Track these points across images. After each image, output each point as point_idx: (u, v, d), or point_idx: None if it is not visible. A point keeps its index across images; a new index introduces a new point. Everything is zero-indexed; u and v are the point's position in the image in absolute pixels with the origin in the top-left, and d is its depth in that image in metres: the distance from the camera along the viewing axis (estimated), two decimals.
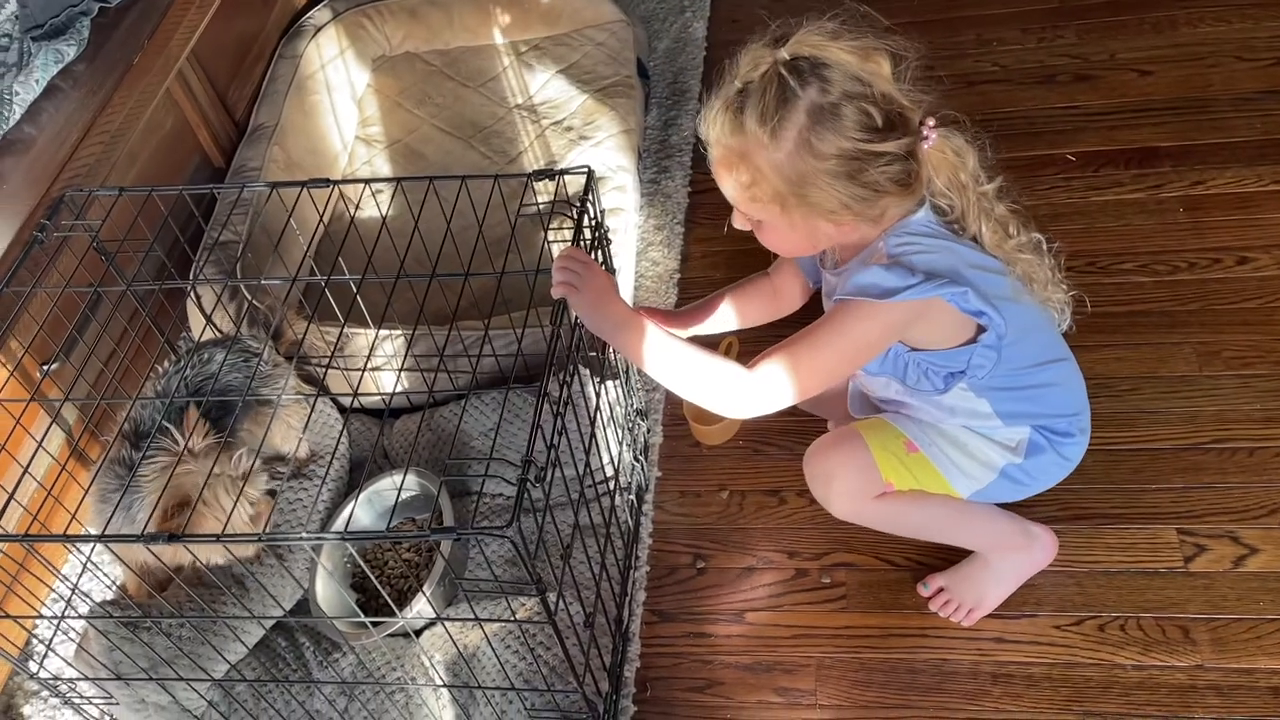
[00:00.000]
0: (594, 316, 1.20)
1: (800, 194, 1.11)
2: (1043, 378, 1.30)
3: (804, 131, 1.07)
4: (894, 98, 1.10)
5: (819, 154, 1.08)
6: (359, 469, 1.66)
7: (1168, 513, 1.50)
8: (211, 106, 2.05)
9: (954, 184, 1.17)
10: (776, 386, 1.15)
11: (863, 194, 1.11)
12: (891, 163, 1.10)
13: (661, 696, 1.44)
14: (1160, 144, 1.99)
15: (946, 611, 1.43)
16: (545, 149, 2.12)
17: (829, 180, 1.09)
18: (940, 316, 1.17)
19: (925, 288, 1.12)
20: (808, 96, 1.07)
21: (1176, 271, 1.78)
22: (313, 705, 1.39)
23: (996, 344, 1.21)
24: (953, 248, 1.17)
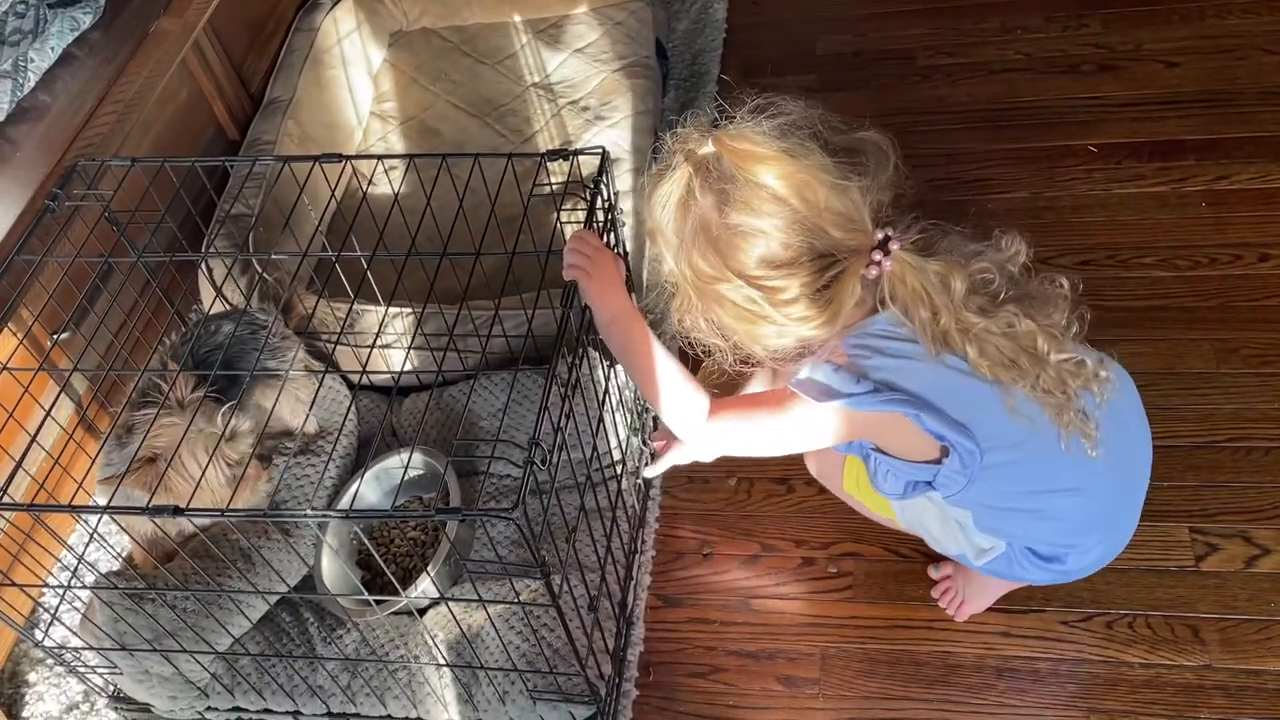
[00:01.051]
0: (596, 303, 1.20)
1: (699, 295, 1.07)
2: (1035, 504, 1.16)
3: (691, 243, 1.03)
4: (816, 228, 0.99)
5: (700, 272, 1.03)
6: (366, 446, 1.66)
7: (1180, 511, 1.48)
8: (227, 78, 2.04)
9: (915, 316, 1.03)
10: (721, 445, 1.19)
11: (750, 318, 1.03)
12: (791, 302, 1.01)
13: (664, 681, 1.44)
14: (1184, 137, 1.96)
15: (945, 600, 1.43)
16: (561, 128, 2.11)
17: (713, 300, 1.04)
18: (897, 429, 1.06)
19: (869, 400, 1.03)
20: (702, 206, 1.02)
21: (1197, 267, 1.76)
22: (315, 680, 1.39)
23: (965, 470, 1.07)
24: (916, 361, 1.04)
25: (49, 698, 1.52)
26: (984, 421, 1.06)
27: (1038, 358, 1.05)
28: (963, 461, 1.06)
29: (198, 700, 1.42)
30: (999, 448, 1.07)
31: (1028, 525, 1.18)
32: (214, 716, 1.45)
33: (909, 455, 1.11)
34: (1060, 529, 1.19)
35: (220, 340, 1.41)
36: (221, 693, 1.41)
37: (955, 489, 1.11)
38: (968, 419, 1.05)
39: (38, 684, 1.54)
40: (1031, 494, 1.15)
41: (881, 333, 1.05)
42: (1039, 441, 1.09)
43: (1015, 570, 1.24)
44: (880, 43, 2.26)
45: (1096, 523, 1.20)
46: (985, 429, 1.06)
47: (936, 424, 1.04)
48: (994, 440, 1.07)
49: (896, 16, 2.33)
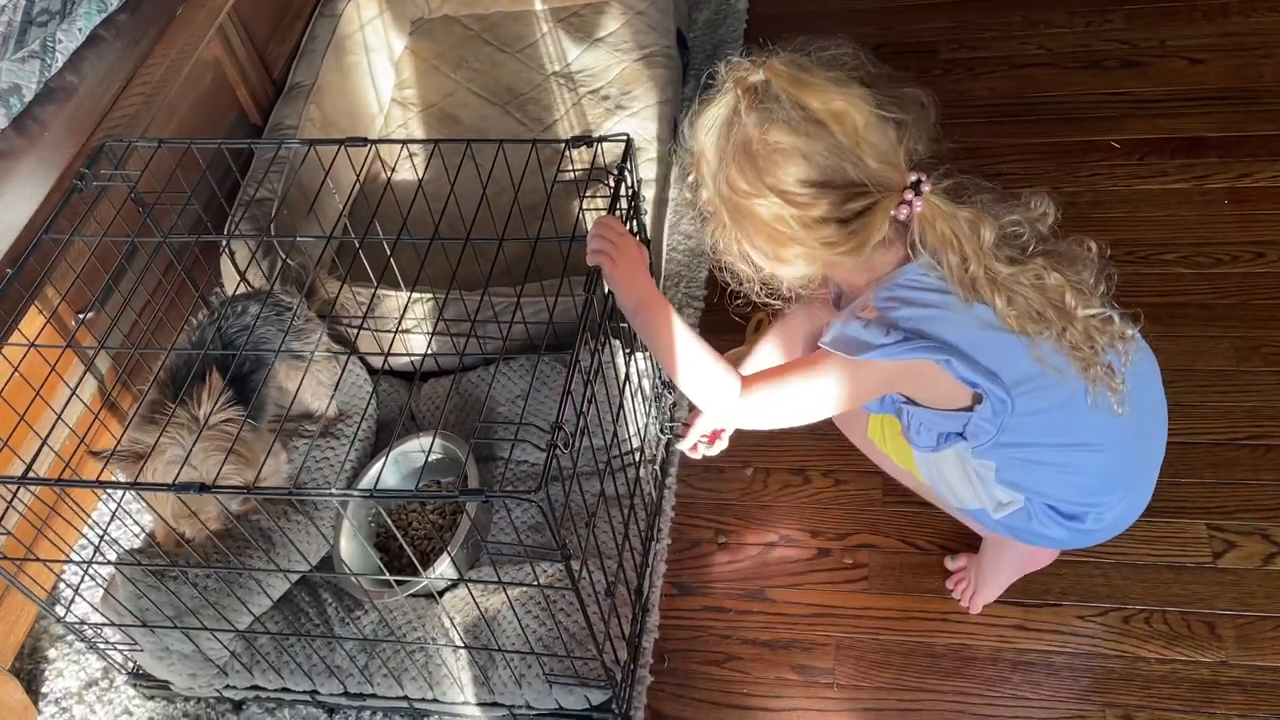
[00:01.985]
0: (621, 290, 1.20)
1: (732, 215, 1.08)
2: (1060, 458, 1.17)
3: (730, 160, 1.05)
4: (852, 154, 1.01)
5: (736, 188, 1.05)
6: (386, 430, 1.67)
7: (1198, 507, 1.48)
8: (250, 63, 2.05)
9: (944, 260, 1.05)
10: (758, 417, 1.17)
11: (783, 239, 1.04)
12: (820, 224, 1.02)
13: (679, 669, 1.45)
14: (1207, 134, 1.95)
15: (958, 591, 1.44)
16: (581, 117, 2.11)
17: (750, 219, 1.06)
18: (930, 377, 1.08)
19: (900, 349, 1.04)
20: (745, 125, 1.04)
21: (1219, 264, 1.75)
22: (333, 660, 1.40)
23: (995, 419, 1.09)
24: (946, 310, 1.06)
25: (68, 674, 1.54)
26: (1013, 370, 1.07)
27: (1065, 311, 1.07)
28: (994, 409, 1.08)
29: (216, 678, 1.43)
30: (1028, 394, 1.08)
31: (1052, 479, 1.18)
32: (232, 695, 1.46)
33: (941, 404, 1.13)
34: (1083, 485, 1.19)
35: (248, 321, 1.42)
36: (240, 671, 1.42)
37: (986, 438, 1.12)
38: (997, 367, 1.06)
39: (57, 660, 1.56)
40: (1058, 447, 1.15)
41: (910, 283, 1.07)
42: (1066, 393, 1.10)
43: (1033, 526, 1.22)
44: (902, 36, 2.26)
45: (1116, 482, 1.21)
46: (1014, 376, 1.07)
47: (967, 370, 1.05)
48: (1023, 388, 1.08)
49: (919, 10, 2.32)
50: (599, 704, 1.35)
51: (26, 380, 1.31)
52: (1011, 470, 1.18)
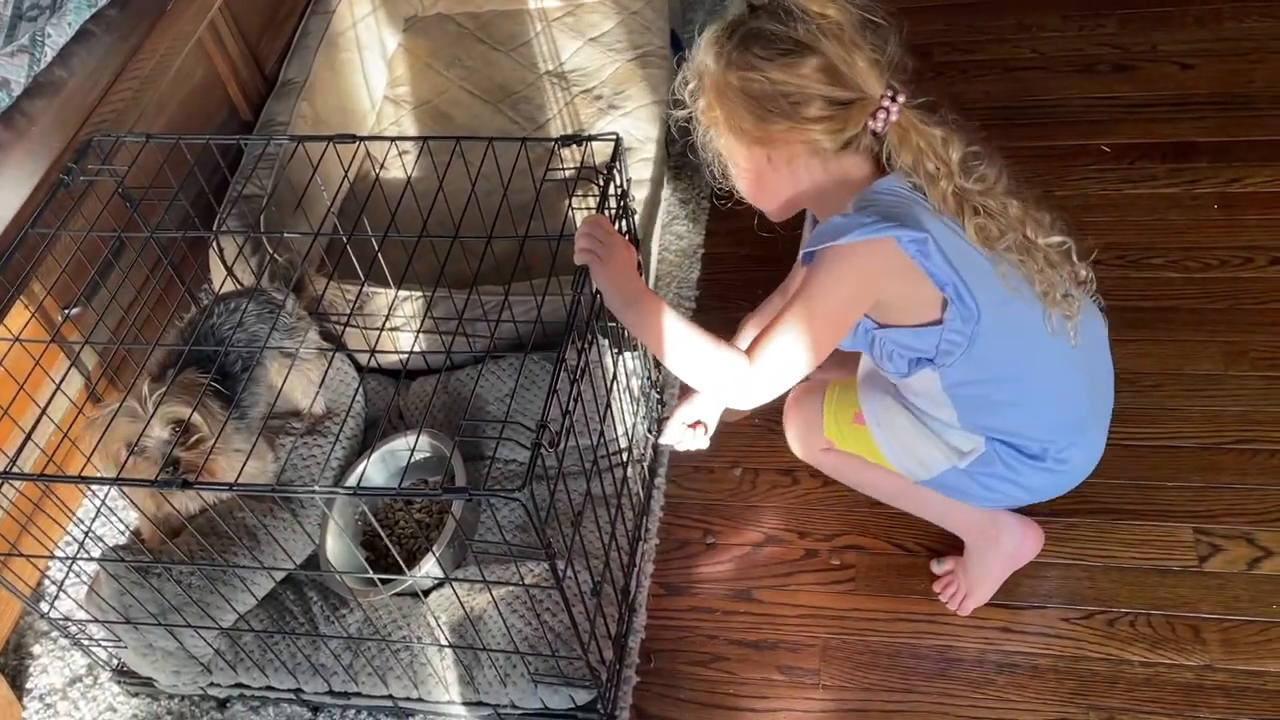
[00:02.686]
0: (611, 290, 1.19)
1: (723, 107, 1.14)
2: (1017, 395, 1.22)
3: (733, 50, 1.12)
4: (841, 55, 1.08)
5: (737, 67, 1.11)
6: (373, 428, 1.67)
7: (1184, 511, 1.48)
8: (241, 59, 2.05)
9: (921, 170, 1.11)
10: (776, 375, 1.13)
11: (773, 116, 1.10)
12: (808, 96, 1.09)
13: (665, 669, 1.44)
14: (1198, 139, 1.95)
15: (946, 595, 1.44)
16: (574, 116, 2.11)
17: (742, 97, 1.11)
18: (906, 278, 1.11)
19: (879, 226, 1.08)
20: (749, 25, 1.11)
21: (1208, 269, 1.76)
22: (318, 659, 1.40)
23: (965, 329, 1.13)
24: (922, 207, 1.12)
25: (53, 670, 1.53)
26: (978, 281, 1.12)
27: (1027, 238, 1.14)
28: (962, 315, 1.12)
29: (200, 676, 1.42)
30: (991, 310, 1.13)
31: (1011, 415, 1.23)
32: (216, 693, 1.46)
33: (913, 319, 1.16)
34: (1040, 420, 1.24)
35: (238, 318, 1.41)
36: (224, 669, 1.42)
37: (955, 356, 1.16)
38: (964, 273, 1.11)
39: (42, 656, 1.55)
40: (1015, 381, 1.21)
41: (886, 190, 1.13)
42: (1026, 321, 1.17)
43: (999, 471, 1.25)
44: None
45: (1071, 418, 1.26)
46: (979, 286, 1.12)
47: (942, 260, 1.09)
48: (987, 298, 1.12)
49: (913, 12, 2.28)
50: (584, 704, 1.35)
51: (11, 375, 1.30)
52: (973, 413, 1.22)
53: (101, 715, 1.49)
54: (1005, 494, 1.29)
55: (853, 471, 1.45)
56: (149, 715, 1.47)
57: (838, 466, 1.46)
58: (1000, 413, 1.23)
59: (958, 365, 1.17)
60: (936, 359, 1.17)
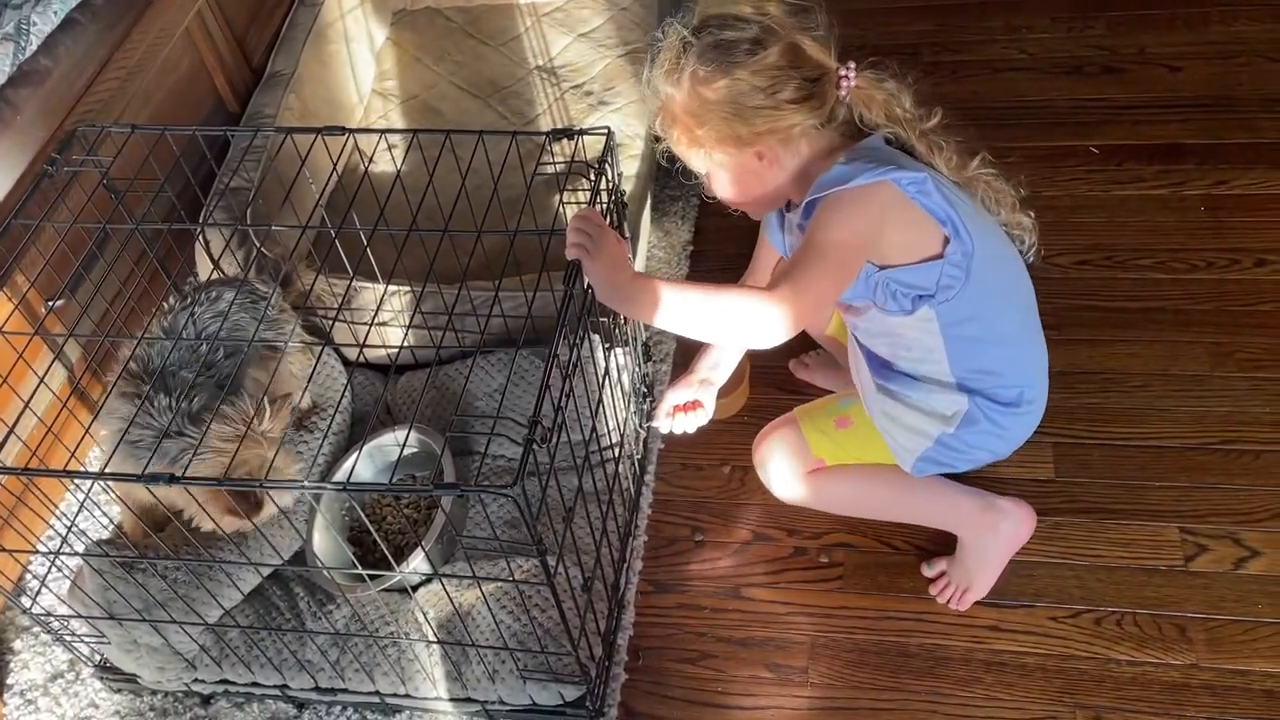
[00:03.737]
0: (605, 285, 1.18)
1: (706, 126, 1.17)
2: (1001, 330, 1.29)
3: (694, 69, 1.16)
4: (793, 41, 1.16)
5: (708, 82, 1.15)
6: (361, 424, 1.66)
7: (1171, 511, 1.49)
8: (229, 50, 2.03)
9: (892, 118, 1.21)
10: (795, 308, 1.14)
11: (759, 112, 1.15)
12: (782, 80, 1.15)
13: (653, 666, 1.44)
14: (1185, 141, 1.96)
15: (944, 597, 1.44)
16: (563, 112, 2.10)
17: (725, 107, 1.16)
18: (905, 219, 1.17)
19: (881, 171, 1.14)
20: (699, 44, 1.17)
21: (1194, 270, 1.77)
22: (304, 655, 1.39)
23: (963, 261, 1.20)
24: (907, 159, 1.21)
25: (34, 666, 1.52)
26: (967, 212, 1.20)
27: (978, 176, 1.25)
28: (961, 249, 1.18)
29: (185, 672, 1.41)
30: (979, 236, 1.20)
31: (996, 354, 1.29)
32: (200, 689, 1.45)
33: (910, 256, 1.20)
34: (1018, 362, 1.32)
35: (223, 308, 1.40)
36: (209, 665, 1.41)
37: (954, 289, 1.21)
38: (957, 207, 1.19)
39: (23, 652, 1.53)
40: (1001, 316, 1.29)
41: (874, 145, 1.20)
42: (1003, 246, 1.27)
43: (986, 428, 1.30)
44: (885, 38, 2.26)
45: (1036, 365, 1.34)
46: (969, 217, 1.19)
47: (939, 196, 1.16)
48: (975, 228, 1.19)
49: (902, 12, 2.33)
50: (573, 700, 1.35)
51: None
52: (963, 357, 1.27)
53: (83, 712, 1.47)
54: (987, 448, 1.34)
55: (845, 488, 1.43)
56: (131, 712, 1.46)
57: (825, 489, 1.43)
58: (988, 353, 1.29)
59: (955, 301, 1.22)
60: (937, 294, 1.22)
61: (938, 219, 1.18)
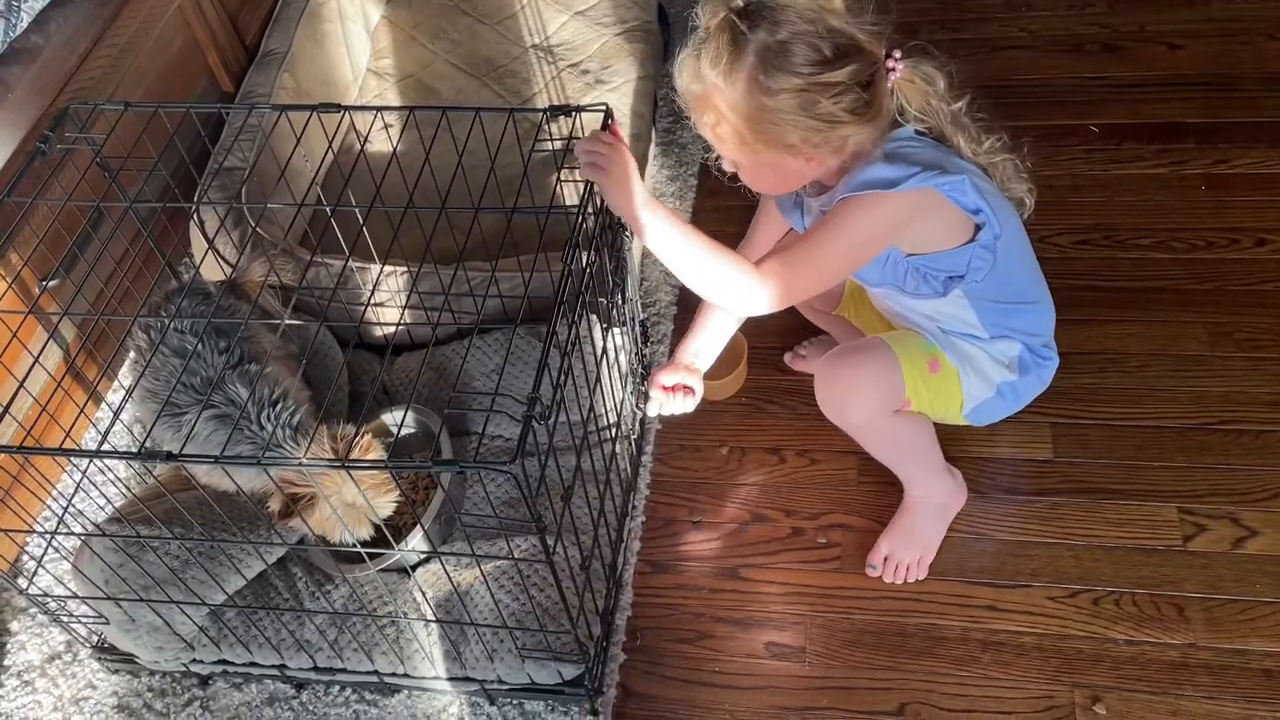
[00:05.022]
0: (618, 197, 1.20)
1: (758, 131, 1.15)
2: (1029, 293, 1.35)
3: (754, 71, 1.12)
4: (845, 31, 1.13)
5: (769, 91, 1.12)
6: (358, 403, 1.65)
7: (1169, 491, 1.49)
8: (222, 28, 2.01)
9: (927, 109, 1.21)
10: (781, 284, 1.18)
11: (818, 125, 1.14)
12: (845, 93, 1.12)
13: (651, 646, 1.44)
14: (1186, 119, 1.95)
15: (900, 576, 1.44)
16: (560, 90, 2.08)
17: (783, 115, 1.13)
18: (937, 215, 1.20)
19: (924, 176, 1.15)
20: (756, 39, 1.11)
21: (1194, 250, 1.76)
22: (303, 635, 1.39)
23: (992, 244, 1.23)
24: (941, 150, 1.22)
25: (30, 647, 1.51)
26: (994, 195, 1.22)
27: (996, 156, 1.26)
28: (993, 234, 1.22)
29: (183, 652, 1.41)
30: (1002, 213, 1.23)
31: (1026, 314, 1.35)
32: (199, 669, 1.45)
33: (939, 245, 1.24)
34: (1045, 317, 1.38)
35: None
36: (208, 645, 1.40)
37: (984, 270, 1.24)
38: (989, 198, 1.21)
39: (20, 633, 1.53)
40: (1026, 281, 1.34)
41: (908, 139, 1.20)
42: (1015, 216, 1.29)
43: (1034, 372, 1.37)
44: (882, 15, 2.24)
45: (1051, 313, 1.40)
46: (996, 201, 1.22)
47: (975, 193, 1.18)
48: (999, 206, 1.23)
49: None
50: (571, 679, 1.34)
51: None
52: (999, 325, 1.32)
53: (81, 692, 1.47)
54: (1031, 394, 1.39)
55: (909, 432, 1.41)
56: (129, 692, 1.46)
57: (895, 430, 1.39)
58: (1015, 316, 1.33)
59: (986, 280, 1.25)
60: (968, 275, 1.25)
61: (970, 211, 1.21)
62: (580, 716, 1.36)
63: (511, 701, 1.38)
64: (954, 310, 1.31)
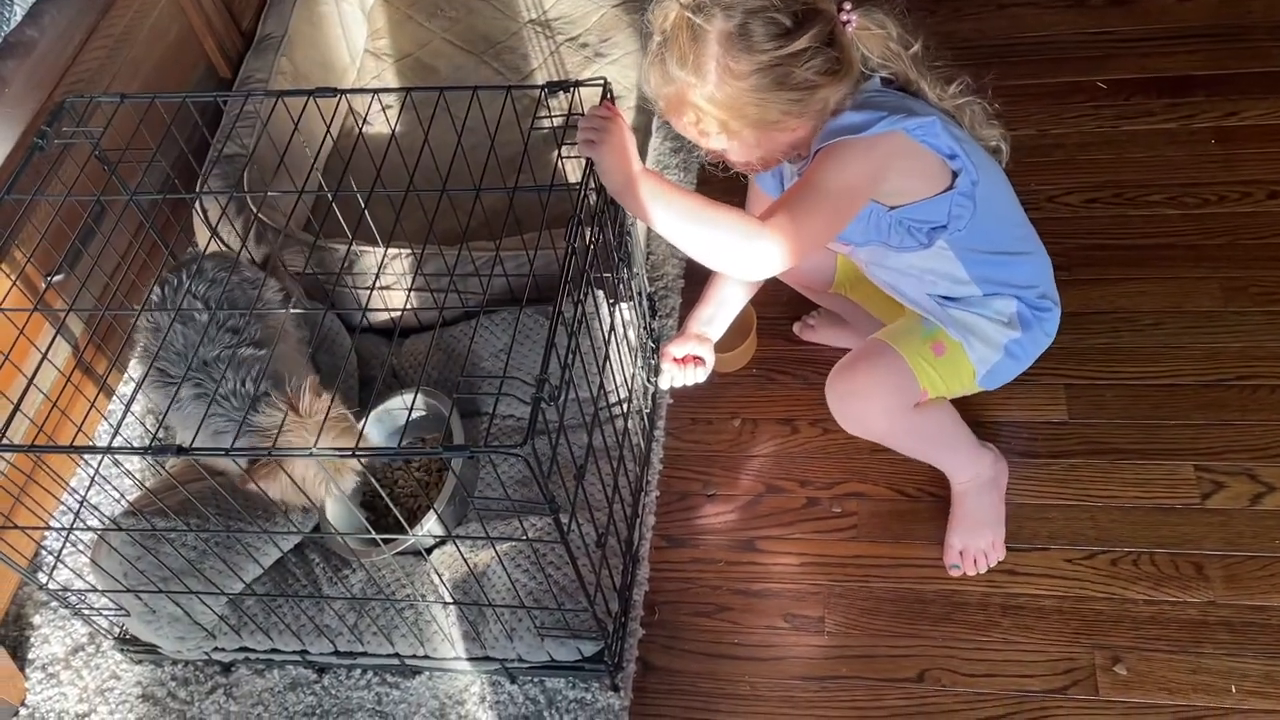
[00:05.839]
0: (612, 170, 1.17)
1: (739, 116, 1.16)
2: (1016, 244, 1.33)
3: (721, 60, 1.12)
4: (814, 9, 1.13)
5: (740, 75, 1.13)
6: (368, 387, 1.65)
7: (1186, 449, 1.48)
8: (217, 14, 1.99)
9: (888, 55, 1.20)
10: (788, 242, 1.14)
11: (797, 96, 1.14)
12: (813, 56, 1.13)
13: (669, 620, 1.44)
14: (1194, 72, 1.92)
15: (979, 567, 1.41)
16: (559, 65, 2.06)
17: (760, 95, 1.13)
18: (911, 160, 1.19)
19: (892, 120, 1.15)
20: (715, 28, 1.12)
21: (1205, 204, 1.74)
22: (322, 620, 1.39)
23: (970, 191, 1.22)
24: (908, 99, 1.22)
25: (54, 640, 1.53)
26: (968, 144, 1.21)
27: (961, 99, 1.25)
28: (970, 180, 1.20)
29: (205, 641, 1.42)
30: (983, 175, 1.22)
31: (1020, 268, 1.32)
32: (221, 657, 1.45)
33: (919, 194, 1.22)
34: (1038, 268, 1.34)
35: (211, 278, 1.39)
36: (229, 633, 1.41)
37: (965, 218, 1.23)
38: (962, 142, 1.21)
39: (42, 626, 1.54)
40: (1011, 226, 1.32)
41: (875, 90, 1.20)
42: (994, 166, 1.28)
43: (1035, 327, 1.32)
44: None
45: (1046, 261, 1.37)
46: (969, 146, 1.21)
47: (947, 135, 1.17)
48: (973, 153, 1.22)
49: None
50: (591, 655, 1.35)
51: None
52: (990, 281, 1.29)
53: (105, 683, 1.48)
54: (1038, 348, 1.35)
55: (933, 424, 1.38)
56: (153, 681, 1.47)
57: (919, 425, 1.36)
58: (1005, 266, 1.31)
59: (968, 229, 1.24)
60: (949, 225, 1.24)
61: (945, 155, 1.19)
62: (601, 692, 1.37)
63: (532, 679, 1.38)
64: (941, 265, 1.28)
